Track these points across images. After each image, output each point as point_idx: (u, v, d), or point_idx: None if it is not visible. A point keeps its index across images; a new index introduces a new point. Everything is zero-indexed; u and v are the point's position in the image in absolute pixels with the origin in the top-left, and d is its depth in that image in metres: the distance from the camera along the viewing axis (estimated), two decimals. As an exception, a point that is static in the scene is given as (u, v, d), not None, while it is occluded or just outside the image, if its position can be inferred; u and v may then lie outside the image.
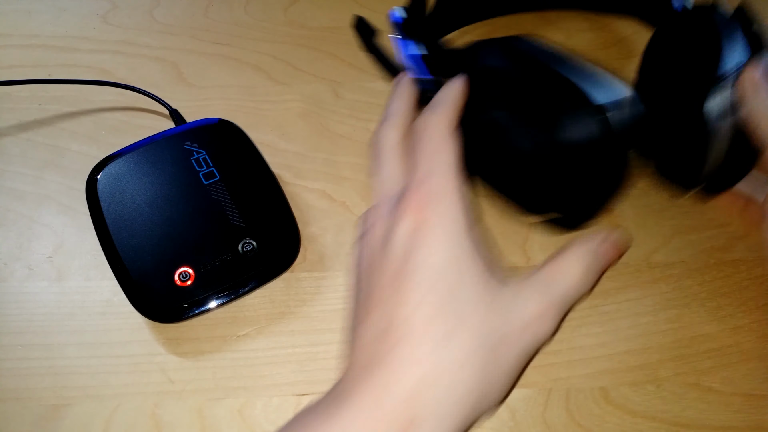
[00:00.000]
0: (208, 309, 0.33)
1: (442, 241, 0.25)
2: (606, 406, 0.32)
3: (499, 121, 0.30)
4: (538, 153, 0.29)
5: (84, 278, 0.36)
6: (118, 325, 0.34)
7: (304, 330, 0.34)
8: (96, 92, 0.43)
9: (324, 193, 0.39)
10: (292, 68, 0.45)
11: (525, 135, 0.29)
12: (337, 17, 0.47)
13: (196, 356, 0.34)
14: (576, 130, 0.28)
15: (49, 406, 0.32)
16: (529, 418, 0.32)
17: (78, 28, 0.47)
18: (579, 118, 0.28)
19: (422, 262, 0.25)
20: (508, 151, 0.30)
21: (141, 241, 0.34)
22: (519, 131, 0.29)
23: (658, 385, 0.33)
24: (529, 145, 0.29)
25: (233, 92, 0.44)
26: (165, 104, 0.41)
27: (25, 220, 0.38)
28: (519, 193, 0.32)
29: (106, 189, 0.35)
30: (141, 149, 0.36)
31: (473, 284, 0.25)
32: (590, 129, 0.28)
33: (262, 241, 0.34)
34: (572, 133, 0.28)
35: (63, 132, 0.42)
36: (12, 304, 0.35)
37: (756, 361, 0.34)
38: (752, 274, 0.36)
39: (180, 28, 0.47)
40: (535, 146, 0.29)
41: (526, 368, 0.27)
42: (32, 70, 0.45)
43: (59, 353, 0.34)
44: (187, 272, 0.33)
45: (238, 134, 0.38)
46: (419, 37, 0.34)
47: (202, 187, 0.35)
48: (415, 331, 0.24)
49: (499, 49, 0.31)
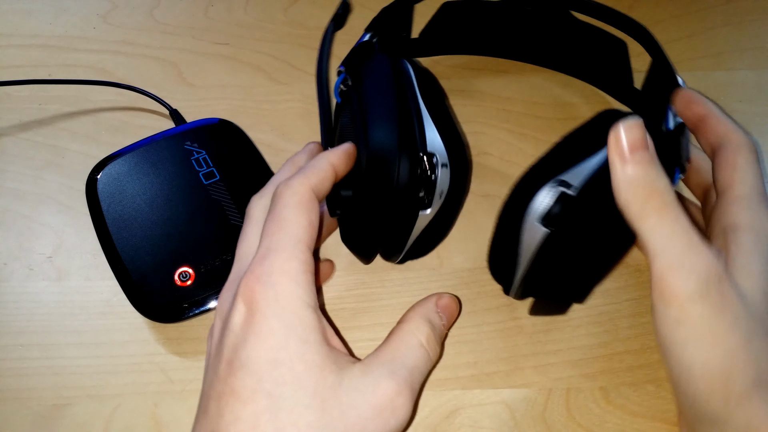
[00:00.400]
0: (208, 309, 0.33)
1: (273, 332, 0.23)
2: (606, 406, 0.32)
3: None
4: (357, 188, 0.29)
5: (84, 278, 0.36)
6: (118, 325, 0.34)
7: (304, 330, 0.34)
8: (96, 92, 0.43)
9: (324, 193, 0.39)
10: (292, 68, 0.45)
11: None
12: (337, 17, 0.47)
13: (196, 356, 0.34)
14: (377, 170, 0.28)
15: (49, 406, 0.32)
16: (529, 418, 0.32)
17: (78, 28, 0.47)
18: (380, 159, 0.28)
19: (250, 356, 0.23)
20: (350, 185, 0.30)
21: (141, 241, 0.34)
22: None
23: (658, 385, 0.33)
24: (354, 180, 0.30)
25: (233, 92, 0.44)
26: (165, 104, 0.41)
27: (25, 220, 0.38)
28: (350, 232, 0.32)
29: (106, 189, 0.35)
30: (141, 149, 0.36)
31: (308, 377, 0.23)
32: (386, 171, 0.28)
33: (262, 241, 0.34)
34: (374, 171, 0.28)
35: (63, 132, 0.42)
36: (12, 304, 0.35)
37: (756, 361, 0.34)
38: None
39: (180, 28, 0.47)
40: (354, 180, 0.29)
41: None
42: (32, 70, 0.45)
43: (59, 353, 0.34)
44: (187, 272, 0.33)
45: (238, 134, 0.38)
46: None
47: (202, 187, 0.35)
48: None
49: (372, 70, 0.31)
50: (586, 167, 0.27)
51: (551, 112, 0.42)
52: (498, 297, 0.35)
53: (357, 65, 0.33)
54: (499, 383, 0.33)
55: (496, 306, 0.35)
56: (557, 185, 0.27)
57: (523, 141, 0.41)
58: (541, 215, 0.27)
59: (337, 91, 0.33)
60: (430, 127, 0.30)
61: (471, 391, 0.33)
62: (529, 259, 0.28)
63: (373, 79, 0.31)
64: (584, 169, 0.27)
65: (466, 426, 0.32)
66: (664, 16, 0.48)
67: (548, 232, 0.27)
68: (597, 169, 0.27)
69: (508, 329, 0.35)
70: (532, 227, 0.27)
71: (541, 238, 0.27)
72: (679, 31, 0.47)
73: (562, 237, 0.27)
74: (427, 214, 0.30)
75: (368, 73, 0.31)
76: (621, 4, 0.48)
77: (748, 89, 0.44)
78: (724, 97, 0.43)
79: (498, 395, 0.33)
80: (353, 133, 0.30)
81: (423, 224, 0.30)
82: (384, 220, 0.29)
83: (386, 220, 0.29)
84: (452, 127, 0.31)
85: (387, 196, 0.29)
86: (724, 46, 0.46)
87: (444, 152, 0.29)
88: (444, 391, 0.33)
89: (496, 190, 0.39)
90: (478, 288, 0.36)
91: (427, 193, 0.29)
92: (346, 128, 0.31)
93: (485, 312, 0.35)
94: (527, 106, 0.43)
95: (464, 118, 0.42)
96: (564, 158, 0.28)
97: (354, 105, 0.30)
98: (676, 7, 0.48)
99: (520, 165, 0.40)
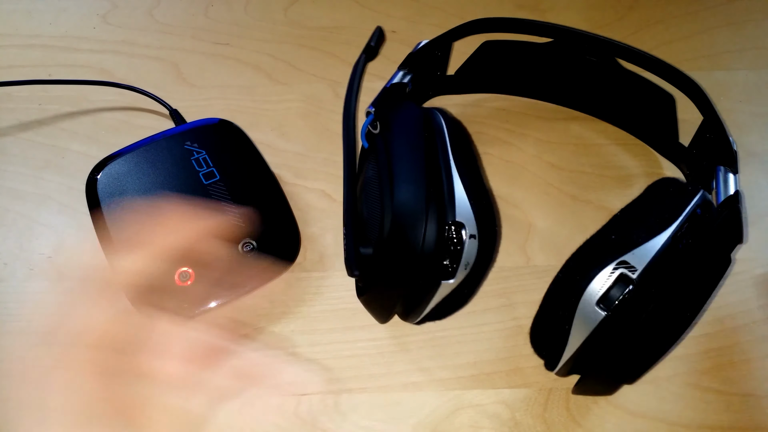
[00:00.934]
0: (208, 309, 0.33)
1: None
2: (606, 406, 0.32)
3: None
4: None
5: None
6: (118, 325, 0.34)
7: (304, 330, 0.34)
8: (96, 92, 0.43)
9: (324, 193, 0.39)
10: (292, 68, 0.45)
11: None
12: (337, 17, 0.47)
13: (196, 356, 0.34)
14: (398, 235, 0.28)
15: (49, 406, 0.32)
16: (529, 418, 0.32)
17: (78, 28, 0.47)
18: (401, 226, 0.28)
19: None
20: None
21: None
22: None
23: (658, 385, 0.33)
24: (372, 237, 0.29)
25: (233, 92, 0.44)
26: (165, 104, 0.41)
27: (25, 220, 0.38)
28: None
29: (106, 189, 0.35)
30: (141, 149, 0.36)
31: None
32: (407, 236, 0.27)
33: (262, 241, 0.34)
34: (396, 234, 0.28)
35: (63, 132, 0.42)
36: (12, 304, 0.35)
37: (756, 361, 0.34)
38: (752, 274, 0.36)
39: (180, 28, 0.47)
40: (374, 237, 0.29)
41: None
42: (32, 70, 0.45)
43: (59, 353, 0.34)
44: (187, 272, 0.33)
45: (238, 134, 0.38)
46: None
47: (203, 187, 0.35)
48: None
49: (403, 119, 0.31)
50: (650, 249, 0.26)
51: (582, 146, 0.41)
52: (498, 297, 0.35)
53: (387, 109, 0.32)
54: (500, 383, 0.33)
55: (496, 306, 0.35)
56: (619, 267, 0.26)
57: (523, 141, 0.41)
58: (600, 298, 0.26)
59: (364, 133, 0.32)
60: (460, 191, 0.28)
61: (471, 391, 0.33)
62: (581, 340, 0.27)
63: (404, 130, 0.30)
64: (647, 251, 0.26)
65: (466, 426, 0.32)
66: (664, 16, 0.48)
67: (606, 315, 0.26)
68: (660, 252, 0.26)
69: (508, 329, 0.35)
70: (589, 309, 0.27)
71: (598, 321, 0.26)
72: (679, 31, 0.47)
73: (620, 321, 0.26)
74: (450, 284, 0.29)
75: (399, 122, 0.30)
76: (621, 4, 0.48)
77: (748, 89, 0.44)
78: (724, 97, 0.43)
79: (498, 395, 0.33)
80: (379, 187, 0.29)
81: (444, 293, 0.29)
82: (404, 285, 0.29)
83: (407, 286, 0.29)
84: (483, 192, 0.30)
85: (410, 262, 0.28)
86: (724, 46, 0.46)
87: (473, 222, 0.28)
88: (444, 391, 0.33)
89: (496, 190, 0.39)
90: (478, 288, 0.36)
91: (452, 262, 0.28)
92: (371, 180, 0.30)
93: (485, 312, 0.35)
94: (527, 107, 0.43)
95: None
96: (625, 236, 0.27)
97: (381, 156, 0.29)
98: (676, 7, 0.48)
99: (521, 164, 0.40)
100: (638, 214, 0.29)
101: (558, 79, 0.41)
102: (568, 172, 0.40)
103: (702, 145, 0.36)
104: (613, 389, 0.30)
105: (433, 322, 0.34)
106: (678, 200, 0.28)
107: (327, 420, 0.32)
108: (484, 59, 0.40)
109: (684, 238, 0.27)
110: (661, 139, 0.40)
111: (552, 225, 0.38)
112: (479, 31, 0.37)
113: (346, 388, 0.33)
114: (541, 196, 0.39)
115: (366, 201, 0.31)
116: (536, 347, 0.31)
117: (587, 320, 0.27)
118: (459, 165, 0.29)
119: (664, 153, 0.40)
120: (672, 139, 0.39)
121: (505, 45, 0.39)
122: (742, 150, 0.40)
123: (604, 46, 0.36)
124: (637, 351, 0.27)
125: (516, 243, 0.37)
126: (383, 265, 0.28)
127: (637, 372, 0.29)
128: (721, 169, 0.32)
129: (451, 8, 0.48)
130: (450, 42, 0.38)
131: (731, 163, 0.32)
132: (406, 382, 0.33)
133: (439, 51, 0.39)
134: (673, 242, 0.27)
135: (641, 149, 0.41)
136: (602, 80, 0.39)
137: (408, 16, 0.47)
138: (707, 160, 0.34)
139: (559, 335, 0.28)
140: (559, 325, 0.28)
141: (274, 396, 0.33)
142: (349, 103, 0.33)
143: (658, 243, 0.26)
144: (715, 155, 0.33)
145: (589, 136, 0.42)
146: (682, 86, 0.35)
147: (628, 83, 0.38)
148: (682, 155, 0.38)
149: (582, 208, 0.38)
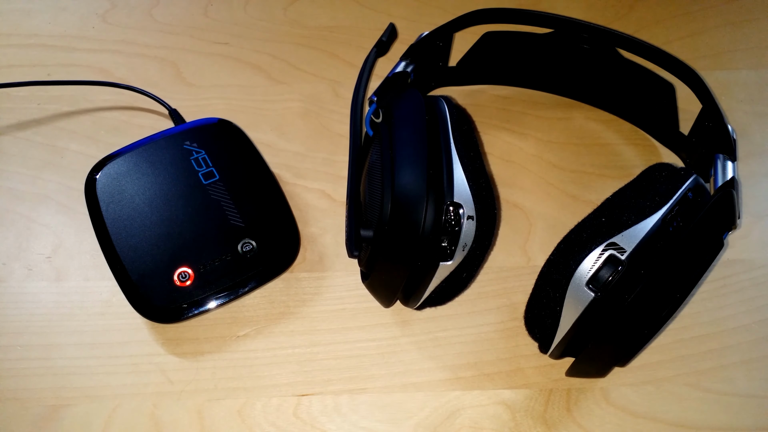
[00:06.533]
0: (208, 309, 0.33)
1: None
2: (606, 406, 0.32)
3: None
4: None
5: (83, 278, 0.36)
6: (117, 326, 0.34)
7: (303, 330, 0.34)
8: (95, 92, 0.43)
9: (324, 193, 0.39)
10: (292, 68, 0.45)
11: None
12: (337, 17, 0.47)
13: (196, 357, 0.34)
14: (400, 213, 0.28)
15: (48, 407, 0.32)
16: (530, 418, 0.32)
17: (77, 27, 0.47)
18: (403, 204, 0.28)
19: None
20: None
21: (140, 241, 0.33)
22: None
23: (658, 386, 0.33)
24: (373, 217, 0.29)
25: (233, 92, 0.43)
26: (164, 104, 0.41)
27: (24, 220, 0.38)
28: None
29: (105, 189, 0.35)
30: (140, 149, 0.36)
31: None
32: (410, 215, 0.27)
33: (261, 241, 0.34)
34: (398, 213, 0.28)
35: (62, 132, 0.42)
36: (11, 304, 0.35)
37: (756, 361, 0.34)
38: (751, 274, 0.36)
39: (179, 28, 0.47)
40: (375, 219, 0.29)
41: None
42: (31, 70, 0.44)
43: (58, 353, 0.34)
44: (186, 272, 0.33)
45: (237, 134, 0.38)
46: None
47: (202, 187, 0.35)
48: None
49: (405, 106, 0.31)
50: (639, 231, 0.26)
51: (584, 145, 0.41)
52: (498, 298, 0.35)
53: (390, 98, 0.32)
54: (500, 384, 0.33)
55: (496, 307, 0.35)
56: (608, 248, 0.26)
57: (523, 141, 0.41)
58: (590, 279, 0.27)
59: (368, 121, 0.32)
60: (459, 174, 0.29)
61: (471, 392, 0.33)
62: (572, 320, 0.28)
63: (405, 117, 0.30)
64: (637, 233, 0.26)
65: (466, 426, 0.32)
66: (664, 16, 0.48)
67: (595, 296, 0.26)
68: (650, 234, 0.26)
69: (509, 330, 0.34)
70: (579, 289, 0.27)
71: (587, 303, 0.27)
72: (679, 31, 0.47)
73: (609, 303, 0.26)
74: (448, 265, 0.29)
75: (401, 109, 0.31)
76: (621, 4, 0.48)
77: (748, 89, 0.44)
78: (725, 96, 0.43)
79: (498, 396, 0.33)
80: (380, 171, 0.29)
81: (443, 275, 0.29)
82: (403, 266, 0.29)
83: (406, 265, 0.29)
84: (483, 176, 0.30)
85: (408, 243, 0.28)
86: (724, 46, 0.46)
87: (471, 203, 0.28)
88: (444, 391, 0.33)
89: (496, 190, 0.39)
90: (479, 289, 0.36)
91: (450, 243, 0.28)
92: (374, 166, 0.30)
93: (485, 313, 0.35)
94: (527, 106, 0.43)
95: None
96: (615, 219, 0.27)
97: (383, 142, 0.30)
98: (676, 7, 0.48)
99: (521, 165, 0.40)
100: (630, 197, 0.29)
101: (559, 69, 0.41)
102: (569, 172, 0.40)
103: (701, 134, 0.36)
104: (604, 371, 0.30)
105: (434, 322, 0.34)
106: (670, 184, 0.29)
107: (326, 420, 0.32)
108: (486, 50, 0.40)
109: (674, 220, 0.27)
110: (661, 127, 0.40)
111: (552, 225, 0.38)
112: (480, 21, 0.38)
113: (346, 388, 0.33)
114: (542, 196, 0.39)
115: (369, 186, 0.31)
116: (530, 329, 0.32)
117: (577, 301, 0.27)
118: (459, 148, 0.29)
119: (664, 141, 0.41)
120: (672, 128, 0.39)
121: (506, 36, 0.39)
122: (742, 150, 0.40)
123: (604, 36, 0.37)
124: (627, 332, 0.27)
125: (516, 243, 0.37)
126: (382, 245, 0.29)
127: (628, 354, 0.29)
128: (719, 157, 0.32)
129: (451, 7, 0.48)
130: (451, 32, 0.38)
131: (730, 151, 0.32)
132: (406, 383, 0.33)
133: (440, 41, 0.39)
134: (663, 224, 0.27)
135: (643, 149, 0.41)
136: (603, 70, 0.40)
137: (408, 15, 0.47)
138: (706, 148, 0.34)
139: (551, 316, 0.29)
140: (551, 307, 0.28)
141: (274, 396, 0.33)
142: (357, 93, 0.33)
143: (648, 225, 0.27)
144: (714, 143, 0.33)
145: (589, 135, 0.42)
146: (681, 75, 0.35)
147: (628, 73, 0.39)
148: (682, 143, 0.39)
149: (583, 208, 0.38)
